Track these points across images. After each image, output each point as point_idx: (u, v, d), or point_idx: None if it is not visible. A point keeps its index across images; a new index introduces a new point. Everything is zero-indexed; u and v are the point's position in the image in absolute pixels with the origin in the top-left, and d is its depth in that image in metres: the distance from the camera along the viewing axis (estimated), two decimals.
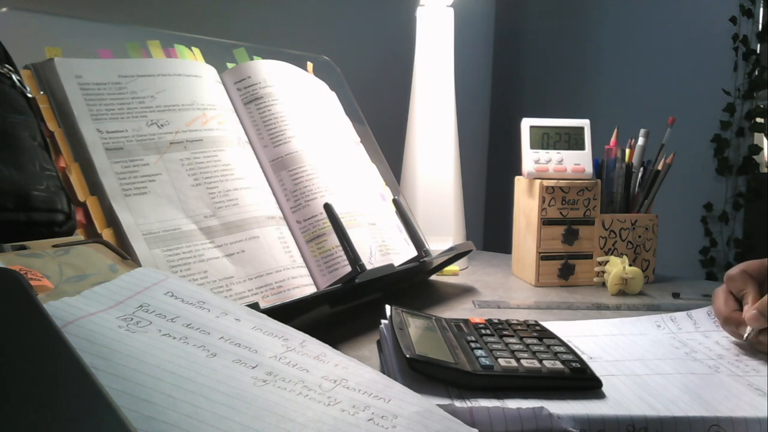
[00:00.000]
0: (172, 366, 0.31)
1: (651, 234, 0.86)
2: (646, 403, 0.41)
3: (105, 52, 0.63)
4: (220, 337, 0.36)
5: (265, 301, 0.58)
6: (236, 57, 0.75)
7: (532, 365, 0.45)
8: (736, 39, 1.72)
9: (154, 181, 0.57)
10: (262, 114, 0.70)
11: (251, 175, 0.65)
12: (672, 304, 0.74)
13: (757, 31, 1.72)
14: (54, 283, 0.38)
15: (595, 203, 0.84)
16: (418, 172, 0.94)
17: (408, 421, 0.33)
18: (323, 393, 0.33)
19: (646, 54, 1.83)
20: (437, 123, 0.94)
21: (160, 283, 0.39)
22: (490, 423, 0.38)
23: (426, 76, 0.94)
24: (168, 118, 0.61)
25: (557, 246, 0.84)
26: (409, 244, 0.76)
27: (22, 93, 0.53)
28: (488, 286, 0.84)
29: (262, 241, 0.61)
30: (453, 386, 0.43)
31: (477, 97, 1.74)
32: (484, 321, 0.55)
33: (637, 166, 0.87)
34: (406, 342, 0.45)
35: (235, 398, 0.31)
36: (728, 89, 1.74)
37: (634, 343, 0.55)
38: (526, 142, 0.86)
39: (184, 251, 0.56)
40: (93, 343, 0.31)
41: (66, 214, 0.49)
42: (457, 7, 0.94)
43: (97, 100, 0.58)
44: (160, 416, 0.28)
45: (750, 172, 1.75)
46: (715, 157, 1.77)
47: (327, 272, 0.64)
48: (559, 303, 0.75)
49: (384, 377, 0.37)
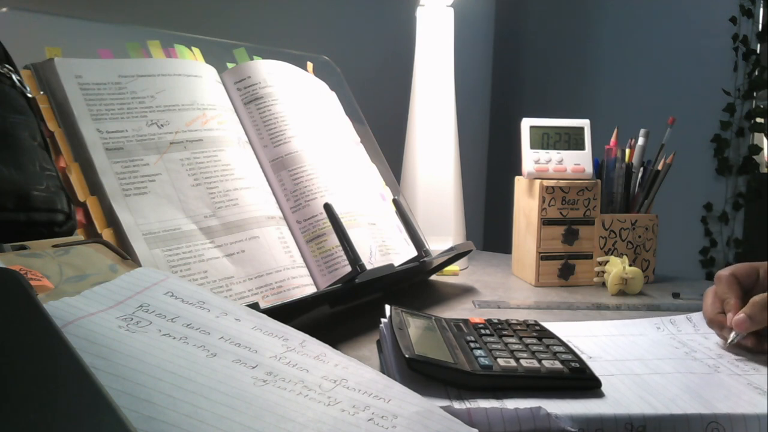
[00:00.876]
0: (172, 366, 0.32)
1: (651, 234, 0.86)
2: (645, 401, 0.41)
3: (105, 52, 0.63)
4: (220, 337, 0.36)
5: (265, 301, 0.58)
6: (236, 57, 0.75)
7: (532, 365, 0.45)
8: (736, 39, 1.72)
9: (154, 181, 0.58)
10: (262, 114, 0.70)
11: (251, 175, 0.65)
12: (672, 304, 0.74)
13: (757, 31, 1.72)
14: (54, 283, 0.38)
15: (595, 203, 0.84)
16: (418, 172, 0.94)
17: (408, 421, 0.33)
18: (323, 393, 0.34)
19: (646, 54, 1.83)
20: (437, 123, 0.94)
21: (160, 283, 0.39)
22: (488, 423, 0.38)
23: (426, 76, 0.94)
24: (168, 118, 0.61)
25: (557, 246, 0.84)
26: (409, 244, 0.76)
27: (22, 93, 0.53)
28: (488, 286, 0.84)
29: (262, 241, 0.61)
30: (452, 386, 0.43)
31: (477, 97, 1.74)
32: (484, 321, 0.55)
33: (637, 166, 0.87)
34: (406, 342, 0.45)
35: (235, 398, 0.31)
36: (728, 89, 1.74)
37: (633, 343, 0.55)
38: (526, 142, 0.86)
39: (184, 251, 0.56)
40: (93, 343, 0.31)
41: (66, 214, 0.49)
42: (457, 7, 0.94)
43: (97, 100, 0.58)
44: (160, 416, 0.28)
45: (750, 172, 1.75)
46: (715, 157, 1.77)
47: (327, 272, 0.65)
48: (559, 303, 0.75)
49: (384, 377, 0.37)
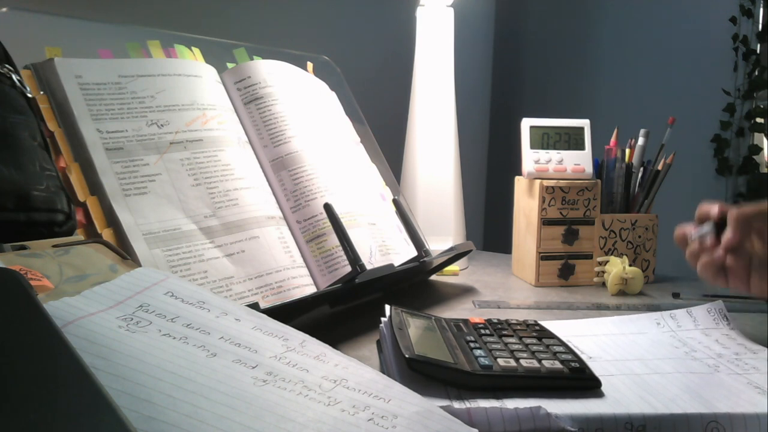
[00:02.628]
0: (172, 366, 0.32)
1: (651, 234, 0.86)
2: (644, 401, 0.41)
3: (105, 52, 0.63)
4: (220, 337, 0.36)
5: (265, 301, 0.58)
6: (236, 57, 0.75)
7: (531, 365, 0.45)
8: (736, 39, 1.72)
9: (154, 181, 0.58)
10: (262, 114, 0.70)
11: (251, 175, 0.65)
12: (672, 304, 0.74)
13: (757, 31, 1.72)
14: (54, 283, 0.38)
15: (595, 203, 0.84)
16: (418, 172, 0.94)
17: (408, 421, 0.33)
18: (323, 393, 0.34)
19: (646, 54, 1.83)
20: (437, 123, 0.94)
21: (160, 283, 0.39)
22: (488, 423, 0.38)
23: (426, 76, 0.94)
24: (168, 118, 0.61)
25: (557, 246, 0.84)
26: (409, 244, 0.76)
27: (22, 93, 0.53)
28: (488, 286, 0.84)
29: (262, 241, 0.61)
30: (452, 386, 0.43)
31: (477, 97, 1.74)
32: (484, 321, 0.55)
33: (637, 166, 0.87)
34: (406, 342, 0.45)
35: (235, 398, 0.31)
36: (728, 89, 1.74)
37: (633, 342, 0.55)
38: (526, 142, 0.86)
39: (184, 251, 0.56)
40: (93, 343, 0.31)
41: (66, 214, 0.49)
42: (457, 7, 0.94)
43: (97, 100, 0.58)
44: (160, 416, 0.28)
45: (750, 172, 1.75)
46: (715, 157, 1.77)
47: (327, 272, 0.65)
48: (559, 303, 0.75)
49: (384, 377, 0.37)
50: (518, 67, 1.98)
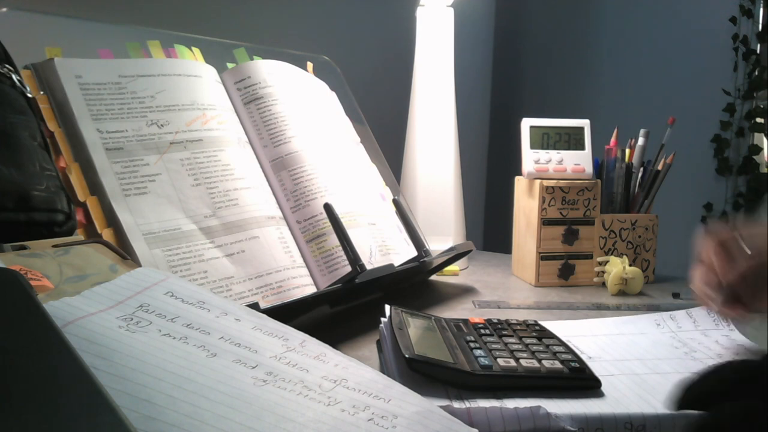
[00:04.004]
0: (172, 366, 0.32)
1: (651, 234, 0.86)
2: (644, 401, 0.41)
3: (105, 52, 0.63)
4: (220, 337, 0.36)
5: (265, 301, 0.58)
6: (236, 57, 0.75)
7: (531, 365, 0.45)
8: (736, 39, 1.72)
9: (154, 181, 0.58)
10: (262, 114, 0.70)
11: (251, 175, 0.65)
12: (672, 304, 0.74)
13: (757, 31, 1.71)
14: (54, 283, 0.38)
15: (595, 203, 0.84)
16: (418, 172, 0.94)
17: (408, 421, 0.33)
18: (323, 393, 0.34)
19: (646, 54, 1.83)
20: (437, 123, 0.94)
21: (160, 283, 0.39)
22: (488, 423, 0.38)
23: (426, 76, 0.94)
24: (168, 118, 0.61)
25: (557, 246, 0.84)
26: (409, 244, 0.76)
27: (22, 93, 0.53)
28: (488, 286, 0.84)
29: (262, 241, 0.61)
30: (452, 386, 0.43)
31: (477, 97, 1.74)
32: (484, 321, 0.55)
33: (637, 166, 0.87)
34: (406, 342, 0.45)
35: (235, 398, 0.31)
36: (728, 89, 1.74)
37: (633, 342, 0.55)
38: (526, 142, 0.86)
39: (184, 251, 0.56)
40: (93, 343, 0.31)
41: (66, 214, 0.49)
42: (457, 7, 0.94)
43: (97, 100, 0.58)
44: (160, 416, 0.28)
45: (750, 172, 1.75)
46: (715, 157, 1.77)
47: (327, 272, 0.65)
48: (559, 303, 0.75)
49: (384, 377, 0.37)
50: (518, 67, 1.97)
